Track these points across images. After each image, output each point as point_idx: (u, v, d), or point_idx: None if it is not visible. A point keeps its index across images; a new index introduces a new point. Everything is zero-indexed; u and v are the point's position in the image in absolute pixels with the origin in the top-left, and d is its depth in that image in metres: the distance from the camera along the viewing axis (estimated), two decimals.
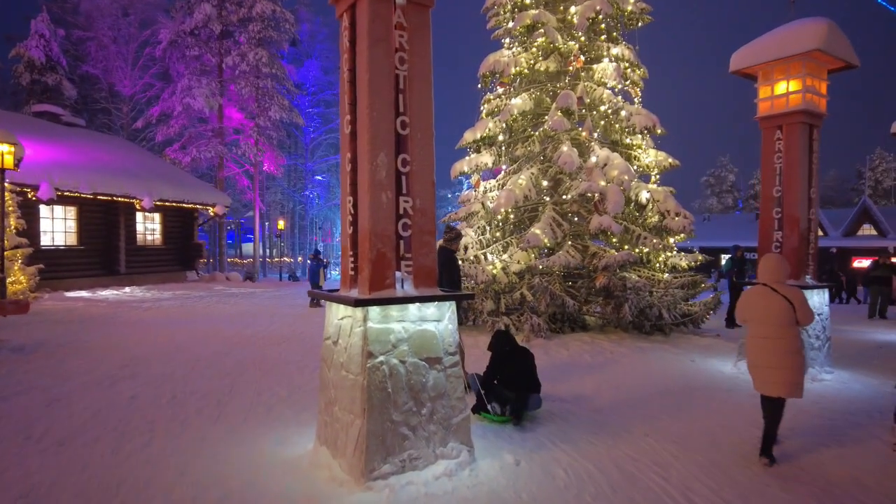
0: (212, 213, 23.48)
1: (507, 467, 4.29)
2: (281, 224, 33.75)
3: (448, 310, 4.16)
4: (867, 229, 36.93)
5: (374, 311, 3.82)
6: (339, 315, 4.16)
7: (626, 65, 11.44)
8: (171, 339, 9.78)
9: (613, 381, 7.21)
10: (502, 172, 12.19)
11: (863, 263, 30.58)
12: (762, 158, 8.04)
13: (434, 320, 4.08)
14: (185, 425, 5.22)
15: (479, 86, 11.99)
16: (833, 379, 7.50)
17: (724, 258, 33.64)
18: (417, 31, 4.12)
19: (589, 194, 10.27)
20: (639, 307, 10.10)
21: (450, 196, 58.12)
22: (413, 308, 3.98)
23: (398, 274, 4.00)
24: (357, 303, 3.73)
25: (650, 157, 11.84)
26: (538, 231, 10.18)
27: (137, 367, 7.57)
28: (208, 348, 8.99)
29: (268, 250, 44.62)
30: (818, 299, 7.80)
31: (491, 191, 11.72)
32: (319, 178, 40.14)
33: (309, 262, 18.55)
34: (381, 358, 3.82)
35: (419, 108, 4.13)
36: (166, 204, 20.84)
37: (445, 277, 6.52)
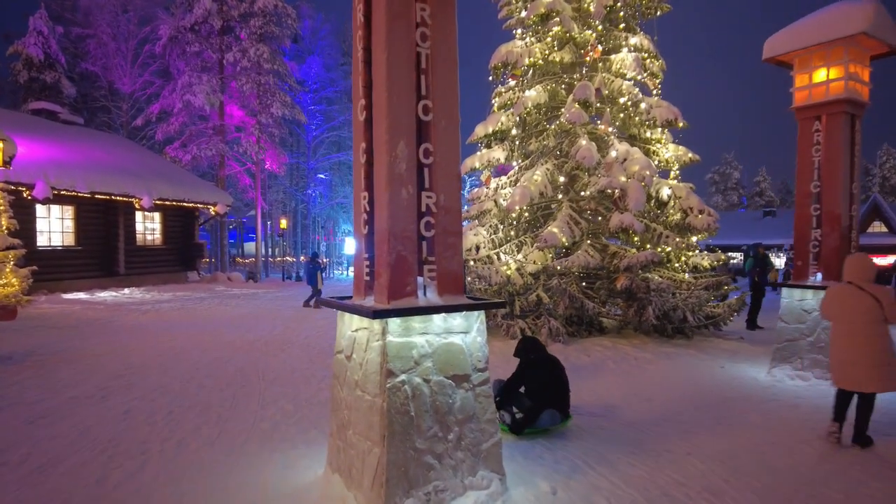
0: (213, 213, 23.00)
1: (543, 497, 3.79)
2: (283, 223, 33.28)
3: (476, 320, 3.66)
4: (877, 226, 36.29)
5: (395, 323, 3.32)
6: (352, 326, 3.65)
7: (646, 55, 10.92)
8: (169, 345, 9.30)
9: (643, 391, 6.71)
10: (514, 168, 11.68)
11: (880, 262, 29.87)
12: (798, 151, 7.52)
13: (461, 332, 3.58)
14: (181, 446, 4.73)
15: (491, 78, 11.48)
16: None
17: (736, 257, 33.05)
18: (441, 4, 3.62)
19: (609, 191, 9.75)
20: (662, 309, 9.59)
21: None
22: (438, 319, 3.48)
23: (420, 280, 3.50)
24: (375, 314, 3.23)
25: (669, 151, 11.32)
26: (555, 230, 9.67)
27: (133, 376, 7.08)
28: (208, 355, 8.50)
29: (270, 250, 44.16)
30: None
31: (503, 188, 11.21)
32: (322, 176, 39.60)
33: (306, 263, 18.09)
34: (403, 377, 3.32)
35: (443, 91, 3.63)
36: (166, 203, 20.36)
37: None
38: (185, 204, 21.27)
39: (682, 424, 5.53)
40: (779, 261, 31.51)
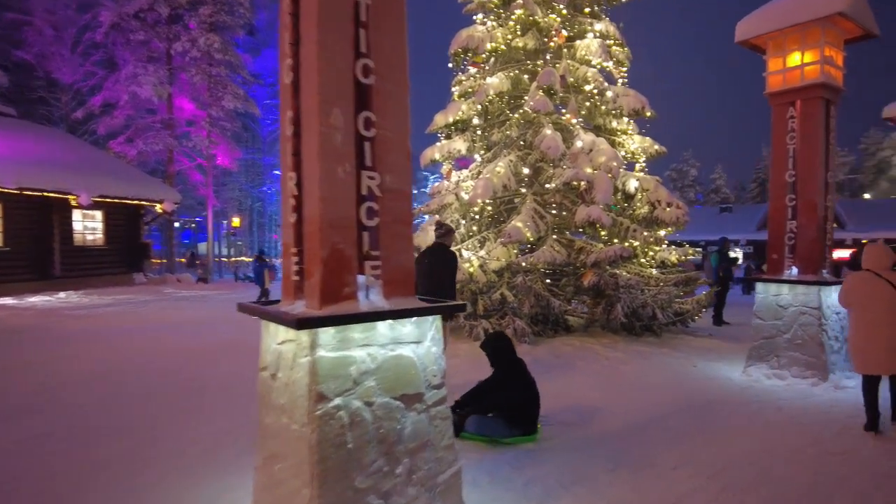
0: (159, 210, 21.69)
1: None
2: (236, 221, 31.96)
3: (431, 327, 3.03)
4: None
5: (327, 333, 2.66)
6: (277, 338, 2.97)
7: (612, 42, 10.49)
8: (100, 355, 8.35)
9: (619, 395, 6.22)
10: (477, 161, 11.11)
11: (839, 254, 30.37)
12: (773, 139, 7.16)
13: (412, 342, 2.94)
14: (88, 482, 3.95)
15: (451, 65, 10.87)
16: (857, 385, 6.65)
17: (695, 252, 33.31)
18: None
19: (574, 183, 9.27)
20: (631, 307, 9.16)
21: (415, 192, 56.39)
22: (383, 327, 2.84)
23: (361, 279, 2.85)
24: (301, 323, 2.56)
25: (636, 143, 10.94)
26: (520, 224, 9.13)
27: (48, 394, 6.18)
28: (145, 365, 7.63)
29: (225, 250, 42.57)
30: (837, 296, 6.95)
31: (465, 181, 10.61)
32: (278, 172, 38.35)
33: (253, 262, 17.20)
34: (338, 401, 2.67)
35: (388, 49, 2.99)
36: (108, 200, 19.02)
37: (435, 281, 5.80)
38: (129, 201, 19.96)
39: (664, 432, 5.05)
40: (733, 255, 31.88)
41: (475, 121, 10.45)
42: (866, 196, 48.42)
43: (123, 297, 16.67)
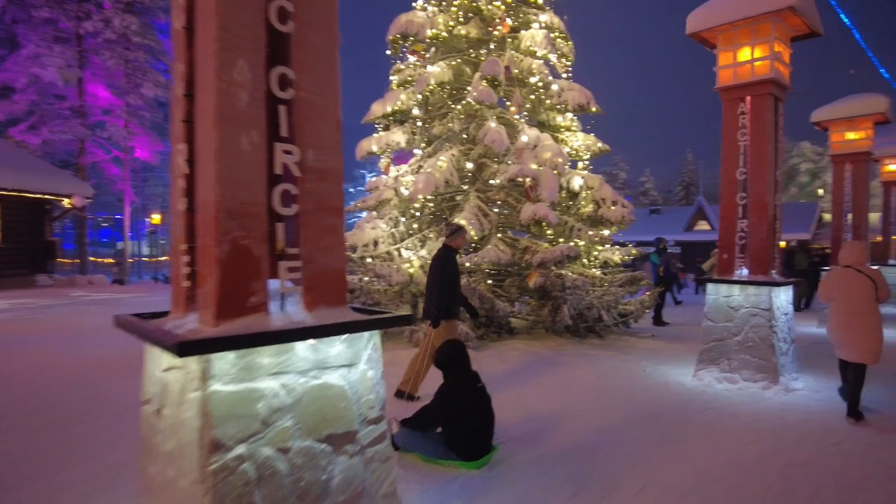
0: (68, 205, 19.74)
1: None
2: (156, 218, 29.86)
3: (368, 345, 2.40)
4: (702, 225, 39.61)
5: (224, 360, 1.97)
6: (162, 364, 2.25)
7: (556, 34, 10.14)
8: None
9: (573, 404, 5.77)
10: (417, 155, 10.50)
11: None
12: (724, 136, 6.95)
13: (343, 366, 2.30)
14: None
15: (389, 52, 10.20)
16: (805, 387, 6.54)
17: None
18: None
19: (520, 179, 8.82)
20: (578, 309, 8.82)
21: (352, 191, 54.35)
22: (304, 349, 2.18)
23: (275, 285, 2.18)
24: (183, 348, 1.86)
25: (580, 140, 10.67)
26: (462, 222, 8.59)
27: None
28: (36, 381, 6.51)
29: (147, 249, 39.89)
30: (785, 297, 6.83)
31: (405, 175, 9.97)
32: None
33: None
34: (240, 449, 1.99)
35: None
36: (3, 193, 17.06)
37: (427, 287, 5.64)
38: (29, 195, 17.99)
39: (624, 446, 4.62)
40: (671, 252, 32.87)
41: (415, 111, 9.83)
42: None
43: (22, 302, 14.91)
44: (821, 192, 40.93)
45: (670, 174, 65.47)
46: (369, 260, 8.96)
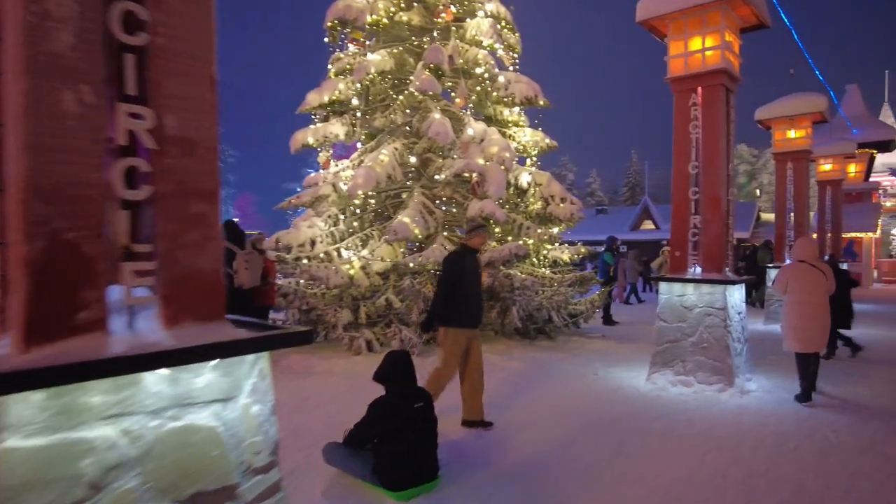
0: None
1: None
2: None
3: (252, 372, 1.84)
4: (648, 224, 40.70)
5: (26, 405, 1.38)
6: None
7: (503, 25, 9.76)
8: None
9: (522, 414, 5.36)
10: (358, 150, 9.90)
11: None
12: (675, 128, 6.70)
13: (214, 400, 1.73)
14: None
15: (327, 40, 9.55)
16: (759, 388, 6.35)
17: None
18: None
19: (466, 174, 8.37)
20: (527, 310, 8.44)
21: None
22: (154, 381, 1.60)
23: (118, 293, 1.60)
24: None
25: (528, 136, 10.32)
26: (407, 220, 8.07)
27: None
28: None
29: None
30: (739, 295, 6.63)
31: (345, 170, 9.34)
32: None
33: None
34: None
35: None
36: None
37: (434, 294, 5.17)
38: None
39: (578, 460, 4.22)
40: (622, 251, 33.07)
41: (354, 102, 9.22)
42: None
43: None
44: (758, 192, 42.50)
45: (616, 175, 66.80)
46: (305, 261, 8.30)
